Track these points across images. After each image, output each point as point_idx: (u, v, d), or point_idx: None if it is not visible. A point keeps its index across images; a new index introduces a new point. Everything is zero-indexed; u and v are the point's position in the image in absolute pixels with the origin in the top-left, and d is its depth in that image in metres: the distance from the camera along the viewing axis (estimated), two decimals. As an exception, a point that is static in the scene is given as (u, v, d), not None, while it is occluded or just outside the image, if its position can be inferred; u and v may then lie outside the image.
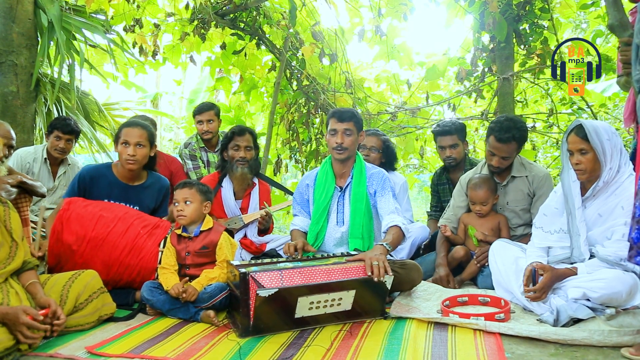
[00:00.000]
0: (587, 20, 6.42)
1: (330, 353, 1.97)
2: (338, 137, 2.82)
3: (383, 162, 3.69)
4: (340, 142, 2.81)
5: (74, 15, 4.51)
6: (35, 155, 3.74)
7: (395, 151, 3.92)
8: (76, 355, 1.97)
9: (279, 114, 5.78)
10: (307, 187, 3.03)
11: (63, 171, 3.85)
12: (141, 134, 2.87)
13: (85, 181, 2.92)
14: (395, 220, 2.71)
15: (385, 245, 2.49)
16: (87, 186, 2.91)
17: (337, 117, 2.84)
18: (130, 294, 2.69)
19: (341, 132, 2.82)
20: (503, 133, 2.94)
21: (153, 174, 3.08)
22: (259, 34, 5.40)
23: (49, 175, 3.78)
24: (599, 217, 2.33)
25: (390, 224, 2.71)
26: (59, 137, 3.70)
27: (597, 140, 2.26)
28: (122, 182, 2.95)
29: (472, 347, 2.01)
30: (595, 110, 5.30)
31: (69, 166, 3.89)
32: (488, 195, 3.05)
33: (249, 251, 3.25)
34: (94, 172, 2.96)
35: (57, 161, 3.83)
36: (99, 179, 2.93)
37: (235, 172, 3.28)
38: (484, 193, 3.05)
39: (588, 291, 2.14)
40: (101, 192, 2.91)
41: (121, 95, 36.54)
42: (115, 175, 2.96)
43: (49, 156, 3.78)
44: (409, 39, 16.70)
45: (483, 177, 3.12)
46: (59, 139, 3.70)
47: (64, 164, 3.87)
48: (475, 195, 3.08)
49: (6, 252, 2.15)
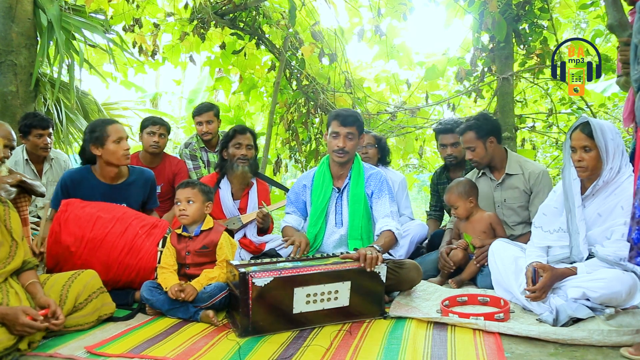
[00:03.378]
0: (586, 20, 6.43)
1: (329, 353, 1.97)
2: (340, 140, 2.80)
3: (379, 157, 3.78)
4: (343, 146, 2.80)
5: (74, 15, 4.51)
6: (15, 158, 3.65)
7: (388, 146, 4.00)
8: (76, 355, 1.97)
9: (278, 114, 5.78)
10: (305, 188, 3.02)
11: (48, 167, 3.80)
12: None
13: (67, 186, 2.88)
14: (389, 225, 2.70)
15: (377, 247, 2.48)
16: (70, 190, 2.88)
17: (341, 120, 2.81)
18: (129, 294, 2.69)
19: (343, 136, 2.80)
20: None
21: (134, 168, 3.08)
22: (258, 33, 5.39)
23: (34, 175, 3.72)
24: (599, 217, 2.33)
25: (383, 228, 2.70)
26: (40, 134, 3.63)
27: (601, 139, 2.26)
28: (104, 182, 2.93)
29: (472, 346, 2.01)
30: (595, 110, 5.31)
31: (53, 160, 3.83)
32: (456, 199, 3.05)
33: (249, 251, 3.24)
34: (75, 175, 2.93)
35: (39, 159, 3.77)
36: (82, 182, 2.90)
37: (236, 170, 3.27)
38: (449, 196, 3.08)
39: (587, 291, 2.14)
40: (84, 195, 2.86)
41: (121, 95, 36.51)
42: (96, 177, 2.93)
43: (30, 156, 3.72)
44: (408, 39, 16.71)
45: (457, 180, 3.16)
46: (41, 136, 3.64)
47: (47, 159, 3.81)
48: (445, 198, 3.14)
49: (6, 251, 2.14)
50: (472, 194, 3.06)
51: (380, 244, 2.55)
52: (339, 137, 2.81)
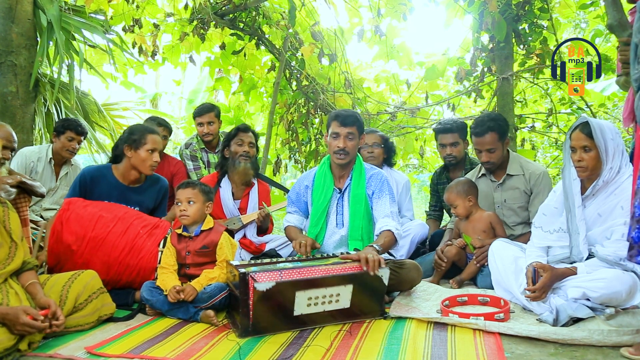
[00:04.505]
0: (586, 20, 6.42)
1: (329, 353, 1.97)
2: (340, 141, 2.80)
3: (385, 157, 3.75)
4: (343, 147, 2.80)
5: (73, 16, 4.51)
6: (39, 154, 3.74)
7: (394, 147, 3.97)
8: (76, 356, 1.97)
9: (278, 114, 5.78)
10: (306, 189, 3.02)
11: (65, 172, 3.85)
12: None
13: (87, 182, 2.93)
14: (389, 225, 2.70)
15: (376, 246, 2.48)
16: (88, 187, 2.93)
17: (340, 121, 2.80)
18: (129, 294, 2.69)
19: (344, 137, 2.80)
20: (479, 127, 3.08)
21: (152, 175, 3.10)
22: (258, 34, 5.39)
23: (52, 176, 3.79)
24: (599, 217, 2.33)
25: (383, 228, 2.70)
26: (72, 138, 3.73)
27: (601, 139, 2.26)
28: (122, 183, 2.98)
29: (472, 346, 2.01)
30: (595, 110, 5.31)
31: (72, 167, 3.90)
32: (455, 197, 3.06)
33: (249, 251, 3.24)
34: (95, 172, 2.98)
35: (61, 162, 3.83)
36: (100, 180, 2.95)
37: (238, 167, 3.27)
38: (449, 195, 3.09)
39: (588, 291, 2.14)
40: (102, 193, 2.93)
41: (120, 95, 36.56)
42: (115, 177, 2.98)
43: (54, 156, 3.78)
44: (408, 39, 16.71)
45: (457, 179, 3.17)
46: (72, 139, 3.74)
47: (67, 164, 3.88)
48: (445, 197, 3.14)
49: (5, 252, 2.14)
50: (471, 193, 3.06)
51: (380, 244, 2.55)
52: (339, 137, 2.81)
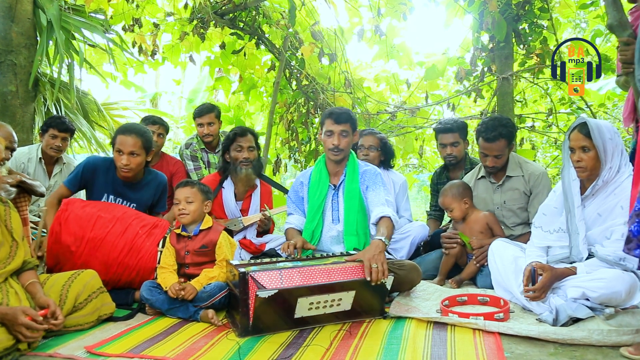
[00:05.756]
0: (586, 20, 6.42)
1: (329, 353, 1.97)
2: (335, 138, 2.83)
3: (382, 160, 3.69)
4: (337, 144, 2.83)
5: (73, 15, 4.51)
6: (29, 155, 3.73)
7: (393, 149, 3.93)
8: (75, 355, 1.97)
9: (278, 114, 5.78)
10: (302, 185, 3.04)
11: (59, 170, 3.84)
12: (135, 143, 2.82)
13: (90, 170, 2.95)
14: (385, 211, 2.68)
15: (384, 240, 2.45)
16: (90, 176, 2.95)
17: (334, 118, 2.84)
18: (129, 293, 2.69)
19: (338, 134, 2.83)
20: (490, 132, 3.01)
21: (150, 170, 3.11)
22: (258, 33, 5.39)
23: (44, 175, 3.77)
24: (599, 217, 2.33)
25: (380, 214, 2.67)
26: (54, 135, 3.71)
27: (599, 139, 2.26)
28: (120, 180, 2.98)
29: (472, 346, 2.01)
30: (595, 110, 5.30)
31: (65, 165, 3.89)
32: (450, 201, 3.06)
33: (249, 251, 3.24)
34: (101, 163, 3.00)
35: (52, 160, 3.82)
36: (101, 173, 2.96)
37: (240, 174, 3.27)
38: (444, 199, 3.09)
39: (587, 291, 2.14)
40: (101, 185, 2.95)
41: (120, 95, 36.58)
42: (116, 172, 2.98)
43: (43, 155, 3.77)
44: (408, 39, 16.70)
45: (451, 182, 3.17)
46: (55, 137, 3.71)
47: (59, 162, 3.87)
48: (440, 202, 3.14)
49: (6, 251, 2.14)
50: (466, 195, 3.06)
51: (385, 235, 2.51)
52: (333, 135, 2.83)
